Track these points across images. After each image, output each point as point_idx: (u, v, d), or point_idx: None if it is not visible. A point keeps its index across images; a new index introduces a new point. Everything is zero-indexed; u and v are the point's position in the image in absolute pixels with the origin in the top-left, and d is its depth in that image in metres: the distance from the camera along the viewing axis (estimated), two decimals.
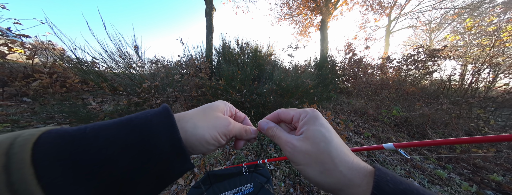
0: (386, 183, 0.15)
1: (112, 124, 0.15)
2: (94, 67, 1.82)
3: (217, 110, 0.22)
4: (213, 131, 0.19)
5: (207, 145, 0.19)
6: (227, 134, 0.21)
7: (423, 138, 1.97)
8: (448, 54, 2.80)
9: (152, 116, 0.17)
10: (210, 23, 3.87)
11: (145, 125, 0.16)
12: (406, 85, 2.81)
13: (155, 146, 0.16)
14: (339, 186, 0.17)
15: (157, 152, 0.16)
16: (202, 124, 0.19)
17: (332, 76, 4.02)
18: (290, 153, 0.20)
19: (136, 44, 1.95)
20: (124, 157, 0.14)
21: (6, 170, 0.11)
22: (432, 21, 12.64)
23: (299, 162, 0.19)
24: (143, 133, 0.16)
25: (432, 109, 2.05)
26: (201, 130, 0.19)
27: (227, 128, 0.21)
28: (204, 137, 0.19)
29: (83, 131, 0.14)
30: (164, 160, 0.16)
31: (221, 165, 1.45)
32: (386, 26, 12.55)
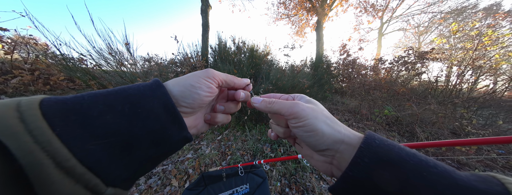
0: (373, 140, 0.17)
1: (108, 93, 0.16)
2: (81, 64, 1.72)
3: (194, 72, 0.23)
4: (194, 77, 0.20)
5: (193, 88, 0.20)
6: (209, 75, 0.21)
7: (412, 137, 2.06)
8: (436, 57, 2.95)
9: (144, 87, 0.18)
10: (206, 21, 3.79)
11: (139, 95, 0.17)
12: (397, 86, 2.92)
13: (151, 112, 0.16)
14: (340, 140, 0.19)
15: (153, 118, 0.16)
16: (182, 78, 0.21)
17: (327, 77, 4.10)
18: (299, 108, 0.20)
19: (127, 41, 1.86)
20: (123, 121, 0.15)
21: (21, 121, 0.12)
22: (420, 24, 13.26)
23: (307, 116, 0.20)
24: (138, 101, 0.16)
25: (421, 108, 2.15)
26: (182, 80, 0.20)
27: (206, 71, 0.21)
28: (187, 82, 0.20)
29: (81, 98, 0.15)
30: (161, 125, 0.17)
31: (217, 166, 1.43)
32: (378, 28, 12.99)
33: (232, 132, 1.97)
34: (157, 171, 1.30)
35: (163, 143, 0.17)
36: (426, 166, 0.14)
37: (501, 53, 2.59)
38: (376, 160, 0.15)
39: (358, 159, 0.16)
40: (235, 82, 0.25)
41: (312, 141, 0.19)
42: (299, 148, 0.25)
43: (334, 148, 0.19)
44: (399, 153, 0.15)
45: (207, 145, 1.71)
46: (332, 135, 0.19)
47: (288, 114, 0.21)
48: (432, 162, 0.14)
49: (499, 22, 3.81)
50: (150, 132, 0.16)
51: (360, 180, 0.15)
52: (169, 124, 0.17)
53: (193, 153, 1.56)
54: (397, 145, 0.16)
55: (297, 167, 1.33)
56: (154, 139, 0.16)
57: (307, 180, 1.23)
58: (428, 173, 0.13)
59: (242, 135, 1.90)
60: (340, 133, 0.19)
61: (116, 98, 0.16)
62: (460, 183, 0.13)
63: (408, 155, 0.15)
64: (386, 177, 0.14)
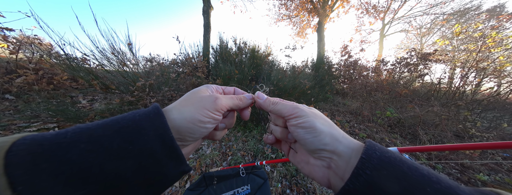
0: (374, 151, 0.16)
1: (96, 127, 0.14)
2: (84, 64, 1.73)
3: (199, 92, 0.22)
4: (201, 110, 0.19)
5: (202, 123, 0.19)
6: (217, 108, 0.20)
7: (414, 139, 2.03)
8: (438, 58, 2.92)
9: (141, 116, 0.16)
10: (207, 21, 3.82)
11: (133, 126, 0.15)
12: (399, 87, 2.90)
13: (145, 147, 0.15)
14: (337, 139, 0.19)
15: (147, 154, 0.15)
16: (188, 108, 0.19)
17: (329, 78, 4.08)
18: (299, 109, 0.21)
19: (130, 41, 1.88)
20: (111, 162, 0.13)
21: None
22: (423, 26, 13.19)
23: (307, 115, 0.21)
24: (130, 135, 0.15)
25: (423, 110, 2.13)
26: (188, 112, 0.19)
27: (215, 102, 0.20)
28: (195, 117, 0.18)
29: (63, 136, 0.13)
30: (156, 162, 0.15)
31: (218, 166, 1.42)
32: (380, 30, 12.96)
33: (233, 132, 1.97)
34: None
35: (157, 182, 0.16)
36: (429, 181, 0.13)
37: (505, 55, 2.56)
38: (376, 173, 0.14)
39: (360, 171, 0.15)
40: (240, 106, 0.24)
41: (310, 138, 0.19)
42: (294, 154, 0.25)
43: (331, 149, 0.19)
44: (401, 166, 0.15)
45: (208, 146, 1.71)
46: (329, 133, 0.19)
47: (288, 114, 0.21)
48: (435, 177, 0.14)
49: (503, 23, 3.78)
50: (142, 170, 0.14)
51: (361, 192, 0.15)
52: (165, 160, 0.16)
53: (194, 153, 1.56)
54: (398, 157, 0.16)
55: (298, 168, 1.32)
56: (147, 179, 0.15)
57: (308, 181, 1.22)
58: (431, 189, 0.13)
59: (243, 136, 1.90)
60: (337, 135, 0.20)
61: (104, 132, 0.14)
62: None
63: (410, 168, 0.14)
64: (388, 191, 0.14)
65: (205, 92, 0.22)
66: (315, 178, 0.20)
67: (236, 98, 0.24)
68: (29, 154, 0.12)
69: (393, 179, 0.14)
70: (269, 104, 0.24)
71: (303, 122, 0.20)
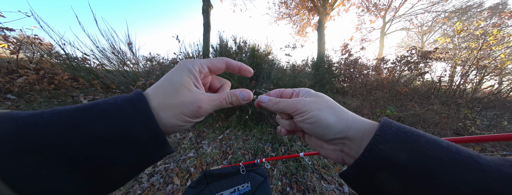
0: (390, 127, 0.15)
1: (75, 109, 0.14)
2: (85, 64, 1.74)
3: (181, 87, 0.18)
4: (181, 117, 0.18)
5: (178, 127, 0.18)
6: (198, 115, 0.19)
7: None
8: (439, 56, 2.91)
9: (122, 101, 0.15)
10: (207, 20, 3.80)
11: (115, 109, 0.14)
12: (399, 86, 2.90)
13: (126, 131, 0.14)
14: (347, 127, 0.18)
15: (129, 137, 0.14)
16: (167, 114, 0.17)
17: (329, 76, 4.08)
18: (301, 104, 0.21)
19: (130, 41, 1.88)
20: (90, 144, 0.13)
21: None
22: (424, 24, 13.08)
23: (311, 108, 0.20)
24: (112, 118, 0.14)
25: (423, 109, 2.13)
26: (166, 119, 0.17)
27: (197, 112, 0.18)
28: (173, 123, 0.18)
29: (39, 116, 0.12)
30: (138, 145, 0.15)
31: (218, 164, 1.44)
32: (381, 28, 12.86)
33: (233, 131, 1.98)
34: (159, 170, 1.31)
35: (140, 163, 0.16)
36: (447, 152, 0.13)
37: (506, 53, 2.54)
38: (392, 147, 0.14)
39: (373, 146, 0.15)
40: (228, 106, 0.22)
41: (319, 131, 0.19)
42: (309, 138, 0.25)
43: (342, 136, 0.19)
44: (418, 140, 0.14)
45: (208, 144, 1.72)
46: (338, 123, 0.19)
47: (292, 110, 0.21)
48: (455, 148, 0.13)
49: (505, 21, 3.74)
50: (124, 153, 0.14)
51: (375, 166, 0.15)
52: (148, 143, 0.16)
53: (195, 152, 1.58)
54: (416, 132, 0.15)
55: (298, 166, 1.34)
56: (129, 160, 0.15)
57: (308, 179, 1.23)
58: (448, 159, 0.12)
59: (243, 134, 1.91)
60: (346, 120, 0.19)
61: (84, 114, 0.13)
62: (486, 168, 0.12)
63: (428, 141, 0.14)
64: (401, 161, 0.13)
65: (188, 86, 0.18)
66: (332, 158, 0.21)
67: (226, 101, 0.21)
68: (6, 128, 0.11)
69: (408, 152, 0.14)
70: (272, 104, 0.24)
71: (308, 117, 0.20)
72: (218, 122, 2.12)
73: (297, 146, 1.60)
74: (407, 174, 0.13)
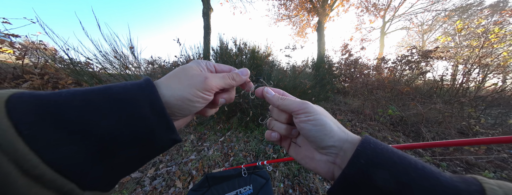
0: (369, 143, 0.18)
1: (90, 91, 0.15)
2: (88, 68, 1.77)
3: (190, 69, 0.20)
4: (190, 89, 0.18)
5: (191, 102, 0.19)
6: (207, 88, 0.19)
7: (417, 137, 2.01)
8: (440, 55, 2.89)
9: (132, 85, 0.16)
10: (207, 23, 3.85)
11: (124, 93, 0.15)
12: (400, 85, 2.88)
13: (136, 113, 0.15)
14: (345, 138, 0.20)
15: (139, 119, 0.15)
16: (176, 86, 0.18)
17: (329, 77, 4.07)
18: (309, 105, 0.21)
19: (131, 45, 1.91)
20: (104, 119, 0.14)
21: None
22: (424, 22, 13.05)
23: (316, 111, 0.21)
24: (122, 101, 0.15)
25: (426, 108, 2.11)
26: (177, 90, 0.18)
27: (204, 82, 0.19)
28: (184, 96, 0.18)
29: (58, 94, 0.14)
30: (147, 127, 0.16)
31: (220, 167, 1.43)
32: (380, 28, 12.86)
33: (235, 133, 1.98)
34: (161, 173, 1.31)
35: (150, 145, 0.16)
36: (414, 168, 0.15)
37: (509, 50, 2.52)
38: (369, 161, 0.16)
39: (355, 159, 0.17)
40: (233, 86, 0.24)
41: (321, 135, 0.20)
42: (297, 149, 0.24)
43: (339, 145, 0.19)
44: (391, 156, 0.16)
45: (210, 147, 1.72)
46: (339, 131, 0.20)
47: (297, 109, 0.21)
48: (421, 164, 0.16)
49: (506, 19, 3.71)
50: (136, 133, 0.15)
51: (356, 178, 0.16)
52: (157, 127, 0.16)
53: (196, 155, 1.58)
54: (390, 149, 0.17)
55: (300, 168, 1.33)
56: (140, 141, 0.15)
57: (310, 181, 1.22)
58: (416, 174, 0.15)
59: (244, 136, 1.91)
60: (345, 131, 0.21)
61: (97, 94, 0.14)
62: (444, 184, 0.14)
63: (400, 158, 0.16)
64: (379, 176, 0.15)
65: (195, 70, 0.20)
66: (320, 172, 0.21)
67: (229, 77, 0.22)
68: (29, 103, 0.12)
69: (383, 166, 0.16)
70: (278, 98, 0.23)
71: (313, 118, 0.20)
72: (219, 124, 2.12)
73: None
74: (385, 185, 0.15)
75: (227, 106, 1.97)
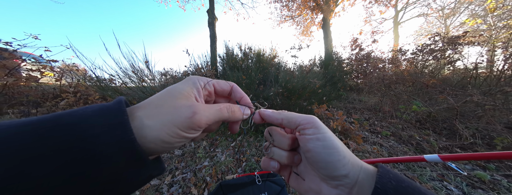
0: (389, 180, 0.14)
1: (29, 122, 0.11)
2: (111, 84, 1.97)
3: (179, 95, 0.16)
4: (170, 128, 0.14)
5: (167, 144, 0.14)
6: (193, 126, 0.15)
7: (452, 135, 1.76)
8: (471, 40, 2.55)
9: (94, 112, 0.12)
10: (213, 32, 4.03)
11: (79, 123, 0.11)
12: (424, 78, 2.59)
13: (92, 151, 0.11)
14: (359, 165, 0.17)
15: (96, 159, 0.11)
16: (152, 122, 0.14)
17: (340, 74, 3.87)
18: (316, 120, 0.18)
19: (146, 59, 2.09)
20: (42, 168, 0.10)
21: None
22: (445, 6, 11.77)
23: (326, 130, 0.18)
24: (74, 133, 0.11)
25: (460, 101, 1.85)
26: (150, 129, 0.14)
27: (191, 119, 0.15)
28: (159, 137, 0.14)
29: (6, 130, 0.10)
30: (110, 169, 0.12)
31: (233, 173, 1.43)
32: (393, 18, 11.96)
33: (245, 137, 1.97)
34: (177, 180, 1.36)
35: (110, 185, 0.12)
36: None
37: None
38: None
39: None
40: (229, 120, 0.19)
41: (333, 161, 0.16)
42: (298, 181, 0.20)
43: (354, 175, 0.16)
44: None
45: (222, 152, 1.74)
46: (351, 158, 0.17)
47: (305, 122, 0.18)
48: None
49: None
50: (90, 179, 0.11)
51: None
52: (123, 166, 0.12)
53: (209, 161, 1.60)
54: (417, 188, 0.14)
55: None
56: (96, 188, 0.12)
57: None
58: None
59: (255, 141, 1.89)
60: (356, 158, 0.17)
61: (39, 127, 0.11)
62: None
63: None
64: None
65: (185, 97, 0.16)
66: None
67: (226, 110, 0.18)
68: None
69: None
70: (278, 113, 0.20)
71: (323, 138, 0.17)
72: None
73: None
74: None
75: None
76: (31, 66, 1.79)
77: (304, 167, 0.20)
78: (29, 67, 1.77)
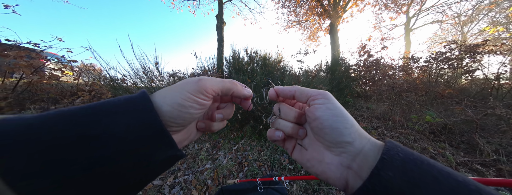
0: (397, 152, 0.14)
1: (80, 109, 0.14)
2: (123, 84, 2.08)
3: (187, 79, 0.19)
4: (183, 93, 0.17)
5: (183, 108, 0.17)
6: (201, 90, 0.18)
7: (471, 150, 1.63)
8: (492, 49, 2.39)
9: (126, 100, 0.15)
10: (220, 36, 4.16)
11: (113, 109, 0.14)
12: (439, 87, 2.45)
13: (128, 130, 0.14)
14: (365, 135, 0.17)
15: (132, 137, 0.14)
16: (170, 93, 0.17)
17: (347, 80, 3.78)
18: (326, 92, 0.20)
19: (157, 61, 2.19)
20: (93, 145, 0.13)
21: None
22: (462, 13, 11.28)
23: (336, 102, 0.19)
24: (113, 118, 0.14)
25: (480, 113, 1.71)
26: (170, 97, 0.17)
27: (198, 83, 0.18)
28: (175, 101, 0.17)
29: (45, 117, 0.13)
30: (142, 145, 0.14)
31: (234, 177, 1.41)
32: (404, 24, 11.63)
33: (248, 141, 1.95)
34: (179, 181, 1.36)
35: (145, 166, 0.15)
36: (466, 189, 0.11)
37: None
38: (402, 175, 0.13)
39: (381, 172, 0.13)
40: (234, 92, 0.22)
41: (339, 127, 0.17)
42: (301, 152, 0.21)
43: (359, 144, 0.16)
44: (430, 170, 0.13)
45: (224, 155, 1.73)
46: (359, 129, 0.17)
47: (317, 93, 0.20)
48: (474, 185, 0.12)
49: None
50: (127, 153, 0.14)
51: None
52: (152, 143, 0.15)
53: (211, 163, 1.60)
54: (426, 160, 0.14)
55: (320, 182, 1.20)
56: (133, 162, 0.14)
57: None
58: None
59: (258, 145, 1.86)
60: (364, 131, 0.18)
61: (86, 113, 0.13)
62: None
63: (441, 173, 0.12)
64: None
65: (193, 78, 0.20)
66: (329, 178, 0.17)
67: (229, 82, 0.21)
68: (12, 129, 0.12)
69: (422, 184, 0.12)
70: (290, 87, 0.22)
71: (332, 107, 0.18)
72: (233, 132, 2.14)
73: None
74: None
75: (240, 113, 1.99)
76: (54, 65, 1.95)
77: (309, 140, 0.22)
78: (52, 66, 1.92)
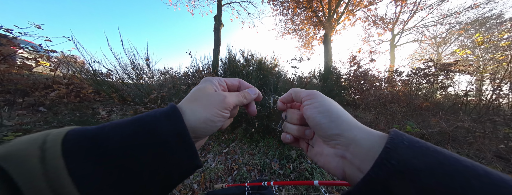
0: (402, 140, 0.14)
1: (126, 122, 0.17)
2: (108, 79, 1.93)
3: (206, 90, 0.22)
4: (212, 110, 0.20)
5: (213, 123, 0.20)
6: (226, 106, 0.22)
7: None
8: (462, 69, 2.70)
9: (161, 114, 0.18)
10: (217, 37, 4.14)
11: (155, 122, 0.17)
12: (418, 100, 2.67)
13: (164, 141, 0.17)
14: (354, 125, 0.18)
15: (166, 147, 0.17)
16: (199, 109, 0.20)
17: (338, 88, 3.96)
18: (317, 93, 0.22)
19: (148, 57, 2.08)
20: (137, 151, 0.15)
21: (41, 162, 0.13)
22: (437, 35, 12.67)
23: (323, 98, 0.21)
24: (152, 130, 0.17)
25: (452, 126, 1.89)
26: (200, 113, 0.20)
27: (223, 101, 0.21)
28: (207, 118, 0.20)
29: (102, 129, 0.16)
30: (172, 154, 0.17)
31: (222, 181, 1.35)
32: (390, 40, 12.71)
33: (239, 144, 1.91)
34: None
35: (173, 173, 0.17)
36: (474, 173, 0.11)
37: None
38: (406, 162, 0.12)
39: (384, 161, 0.13)
40: (244, 103, 0.26)
41: (326, 122, 0.19)
42: (311, 150, 0.24)
43: (349, 135, 0.17)
44: (436, 156, 0.12)
45: (213, 158, 1.67)
46: (346, 119, 0.19)
47: (306, 95, 0.22)
48: (482, 169, 0.11)
49: None
50: (160, 161, 0.16)
51: (387, 185, 0.12)
52: (181, 154, 0.17)
53: None
54: (432, 147, 0.13)
55: (309, 188, 1.20)
56: (164, 169, 0.16)
57: None
58: (478, 182, 0.10)
59: (249, 148, 1.83)
60: (355, 121, 0.19)
61: (134, 127, 0.16)
62: None
63: (448, 159, 0.12)
64: (422, 182, 0.11)
65: (210, 89, 0.23)
66: (330, 169, 0.19)
67: (241, 95, 0.25)
68: (78, 140, 0.14)
69: (427, 170, 0.12)
70: (290, 92, 0.25)
71: (319, 105, 0.20)
72: (224, 135, 2.09)
73: (307, 164, 1.47)
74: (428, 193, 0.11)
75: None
76: (28, 54, 1.74)
77: (315, 138, 0.24)
78: (25, 55, 1.71)
